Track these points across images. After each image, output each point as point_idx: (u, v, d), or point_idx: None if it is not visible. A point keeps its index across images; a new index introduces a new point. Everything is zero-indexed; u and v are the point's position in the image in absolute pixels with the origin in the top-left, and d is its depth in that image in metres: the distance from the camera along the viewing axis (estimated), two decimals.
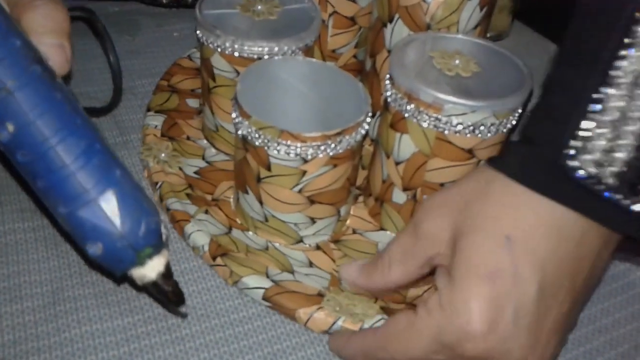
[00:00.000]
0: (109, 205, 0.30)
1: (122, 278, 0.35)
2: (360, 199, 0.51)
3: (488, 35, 0.74)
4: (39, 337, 0.39)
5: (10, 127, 0.29)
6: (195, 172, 0.51)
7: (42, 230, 0.46)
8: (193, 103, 0.58)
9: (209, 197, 0.49)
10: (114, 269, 0.32)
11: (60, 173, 0.29)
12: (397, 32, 0.48)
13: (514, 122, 0.42)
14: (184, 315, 0.37)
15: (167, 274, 0.33)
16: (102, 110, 0.57)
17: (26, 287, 0.42)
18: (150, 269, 0.32)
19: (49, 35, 0.32)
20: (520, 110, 0.42)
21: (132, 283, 0.34)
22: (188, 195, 0.48)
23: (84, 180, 0.30)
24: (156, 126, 0.54)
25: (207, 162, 0.52)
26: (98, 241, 0.30)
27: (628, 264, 0.49)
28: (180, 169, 0.50)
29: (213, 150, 0.54)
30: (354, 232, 0.48)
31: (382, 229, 0.48)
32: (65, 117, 0.30)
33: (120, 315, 0.40)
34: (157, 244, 0.32)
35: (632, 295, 0.46)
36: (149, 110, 0.56)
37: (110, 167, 0.31)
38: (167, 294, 0.33)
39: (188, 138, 0.54)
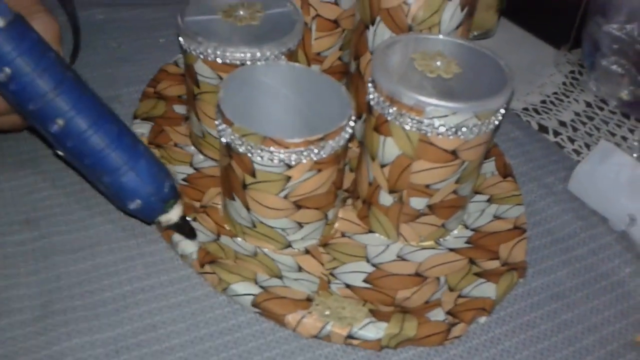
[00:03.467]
0: (142, 172, 0.41)
1: (151, 222, 0.46)
2: (349, 201, 0.51)
3: (475, 33, 0.74)
4: (30, 351, 0.39)
5: (60, 122, 0.39)
6: (184, 180, 0.51)
7: (30, 243, 0.46)
8: (180, 109, 0.58)
9: (197, 204, 0.49)
10: (148, 217, 0.44)
11: (102, 153, 0.40)
12: (379, 34, 0.48)
13: (496, 122, 0.42)
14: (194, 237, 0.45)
15: (184, 216, 0.45)
16: None
17: (15, 300, 0.42)
18: (174, 214, 0.44)
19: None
20: (502, 110, 0.43)
21: (158, 225, 0.45)
22: None
23: (121, 155, 0.41)
24: (143, 134, 0.54)
25: (194, 168, 0.52)
26: (137, 199, 0.41)
27: (617, 260, 0.49)
28: None
29: (201, 157, 0.54)
30: (343, 235, 0.48)
31: (370, 231, 0.48)
32: (97, 109, 0.40)
33: (110, 327, 0.41)
34: (176, 196, 0.44)
35: (621, 293, 0.46)
36: (135, 117, 0.56)
37: (136, 143, 0.42)
38: (186, 230, 0.45)
39: (175, 145, 0.54)
